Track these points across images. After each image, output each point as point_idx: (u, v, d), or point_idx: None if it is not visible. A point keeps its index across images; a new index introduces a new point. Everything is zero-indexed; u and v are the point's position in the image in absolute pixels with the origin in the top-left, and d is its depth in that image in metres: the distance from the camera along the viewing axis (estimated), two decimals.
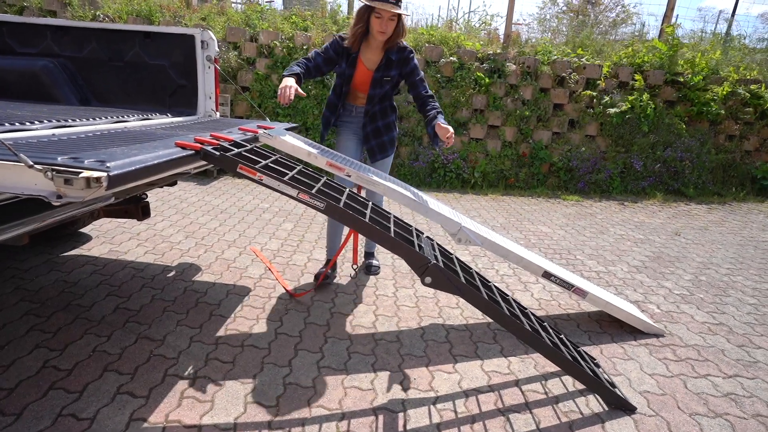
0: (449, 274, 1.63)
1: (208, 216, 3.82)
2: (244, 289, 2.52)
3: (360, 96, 2.48)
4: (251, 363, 1.85)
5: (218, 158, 1.43)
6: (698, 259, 3.52)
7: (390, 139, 2.56)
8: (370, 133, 2.51)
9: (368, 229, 1.57)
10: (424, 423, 1.57)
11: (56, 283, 2.43)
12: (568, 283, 2.24)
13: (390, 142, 2.57)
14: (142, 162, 1.14)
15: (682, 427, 1.61)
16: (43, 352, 1.82)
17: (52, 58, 2.67)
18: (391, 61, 2.36)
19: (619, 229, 4.29)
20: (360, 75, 2.40)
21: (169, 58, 2.71)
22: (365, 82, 2.41)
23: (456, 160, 5.73)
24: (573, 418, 1.63)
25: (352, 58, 2.36)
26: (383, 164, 2.60)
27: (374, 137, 2.52)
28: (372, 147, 2.54)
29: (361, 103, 2.49)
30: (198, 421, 1.52)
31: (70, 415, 1.50)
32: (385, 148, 2.56)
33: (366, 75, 2.39)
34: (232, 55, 5.80)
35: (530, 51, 6.29)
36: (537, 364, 1.96)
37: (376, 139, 2.53)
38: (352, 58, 2.36)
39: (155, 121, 2.34)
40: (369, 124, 2.50)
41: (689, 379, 1.91)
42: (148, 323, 2.10)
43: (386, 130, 2.54)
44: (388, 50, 2.34)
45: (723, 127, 6.09)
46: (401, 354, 1.98)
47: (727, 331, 2.36)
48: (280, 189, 1.49)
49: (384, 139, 2.54)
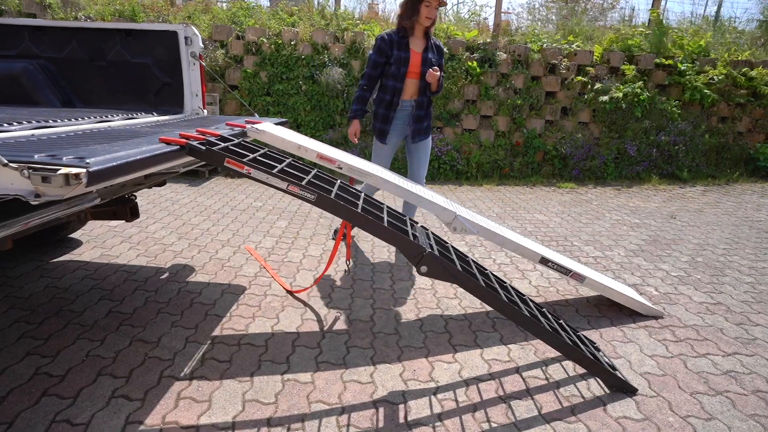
0: (445, 262, 1.60)
1: (200, 216, 3.78)
2: (240, 287, 2.49)
3: (410, 85, 2.80)
4: (248, 361, 1.82)
5: (204, 153, 1.40)
6: (694, 241, 3.52)
7: (428, 124, 2.93)
8: (416, 119, 2.86)
9: (361, 219, 1.54)
10: (425, 413, 1.55)
11: (47, 289, 2.39)
12: (566, 268, 2.23)
13: (428, 127, 2.94)
14: (123, 158, 1.11)
15: (683, 406, 1.60)
16: (35, 358, 1.79)
17: (31, 59, 2.61)
18: (432, 46, 2.80)
19: (615, 214, 4.29)
20: (414, 56, 2.74)
21: (153, 56, 2.66)
22: (417, 63, 2.75)
23: (450, 151, 5.70)
24: (575, 402, 1.62)
25: (403, 43, 2.73)
26: (424, 145, 2.94)
27: (417, 122, 2.87)
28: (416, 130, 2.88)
29: (409, 96, 2.83)
30: (196, 421, 1.49)
31: (64, 420, 1.46)
32: (421, 132, 2.90)
33: (417, 56, 2.75)
34: (219, 54, 5.73)
35: (520, 39, 6.26)
36: (537, 350, 1.95)
37: (418, 124, 2.88)
38: (403, 43, 2.73)
39: (140, 120, 2.29)
40: (418, 109, 2.84)
41: (689, 358, 1.90)
42: (142, 326, 2.06)
43: (426, 117, 2.92)
44: (427, 35, 2.78)
45: (716, 110, 6.10)
46: (400, 346, 1.96)
47: (725, 310, 2.36)
48: (269, 182, 1.45)
49: (426, 124, 2.91)
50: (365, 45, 5.85)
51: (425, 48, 2.76)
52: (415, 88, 2.81)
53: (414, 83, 2.80)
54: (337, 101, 5.83)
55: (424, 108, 2.88)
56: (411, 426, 1.49)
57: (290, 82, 5.80)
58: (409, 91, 2.82)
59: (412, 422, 1.51)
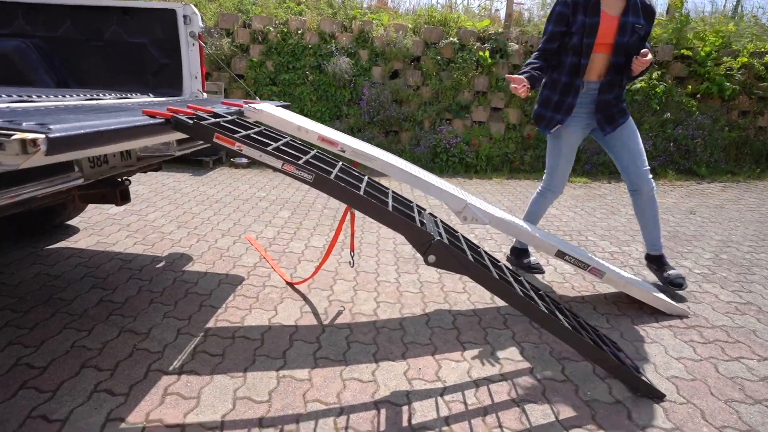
0: (455, 252, 1.47)
1: (202, 206, 3.67)
2: (237, 278, 2.37)
3: (597, 61, 2.12)
4: (242, 355, 1.70)
5: (192, 127, 1.27)
6: (717, 237, 3.34)
7: (620, 109, 2.22)
8: (601, 105, 2.19)
9: (363, 202, 1.41)
10: (430, 416, 1.42)
11: (38, 276, 2.29)
12: (584, 263, 2.08)
13: (620, 111, 2.22)
14: (94, 126, 0.98)
15: (718, 416, 1.45)
16: (17, 348, 1.68)
17: (24, 38, 2.50)
18: (637, 7, 2.06)
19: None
20: (605, 21, 2.05)
21: (150, 36, 2.54)
22: (610, 31, 2.05)
23: (459, 144, 5.54)
24: (595, 407, 1.48)
25: (591, 4, 2.04)
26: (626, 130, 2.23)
27: (605, 109, 2.20)
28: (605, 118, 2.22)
29: (596, 75, 2.15)
30: (182, 419, 1.37)
31: (40, 416, 1.35)
32: (613, 119, 2.22)
33: (611, 21, 2.05)
34: (225, 42, 5.61)
35: (533, 30, 6.07)
36: (552, 350, 1.81)
37: (606, 111, 2.20)
38: (591, 4, 2.04)
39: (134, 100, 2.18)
40: (604, 92, 2.16)
41: (720, 362, 1.75)
42: (132, 316, 1.96)
43: (617, 101, 2.20)
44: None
45: (736, 103, 5.86)
46: (405, 342, 1.83)
47: (756, 310, 2.19)
48: (263, 160, 1.32)
49: (613, 111, 2.21)
50: (373, 34, 5.70)
51: (624, 9, 2.04)
52: (604, 64, 2.12)
53: (603, 58, 2.10)
54: (344, 91, 5.70)
55: (614, 91, 2.17)
56: (415, 430, 1.36)
57: (297, 71, 5.67)
58: (596, 69, 2.13)
59: (417, 426, 1.38)
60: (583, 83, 2.16)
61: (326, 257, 2.19)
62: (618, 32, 2.05)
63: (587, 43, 2.06)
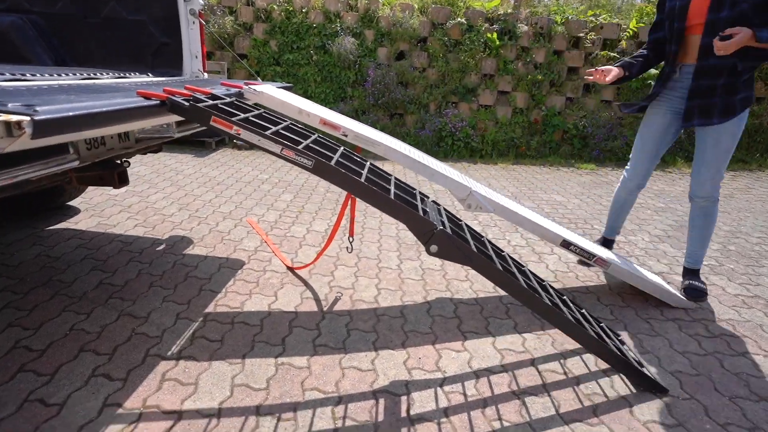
0: (458, 242, 1.43)
1: (204, 188, 3.64)
2: (238, 262, 2.36)
3: (692, 44, 1.93)
4: (241, 341, 1.69)
5: (188, 109, 1.23)
6: (725, 228, 3.28)
7: (726, 103, 1.88)
8: (694, 92, 1.93)
9: (364, 189, 1.37)
10: (430, 407, 1.41)
11: (38, 257, 2.28)
12: (589, 253, 2.04)
13: (725, 107, 1.88)
14: (84, 108, 0.94)
15: (722, 412, 1.43)
16: (16, 331, 1.68)
17: (21, 14, 2.44)
18: None
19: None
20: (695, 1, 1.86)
21: (149, 13, 2.47)
22: (700, 10, 1.84)
23: (464, 128, 5.45)
24: (597, 401, 1.46)
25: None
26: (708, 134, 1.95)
27: (697, 96, 1.93)
28: (689, 108, 1.96)
29: (692, 59, 1.94)
30: (179, 406, 1.37)
31: (38, 400, 1.35)
32: (709, 112, 1.91)
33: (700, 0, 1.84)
34: (228, 20, 5.50)
35: (544, 11, 5.90)
36: (555, 341, 1.78)
37: (695, 100, 1.93)
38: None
39: (132, 80, 2.12)
40: (698, 78, 1.91)
41: (725, 357, 1.72)
42: (132, 299, 1.94)
43: (725, 91, 1.88)
44: None
45: None
46: (405, 331, 1.81)
47: (764, 304, 2.15)
48: (261, 144, 1.28)
49: (713, 100, 1.89)
50: (379, 14, 5.56)
51: None
52: (697, 46, 1.91)
53: (697, 40, 1.90)
54: (348, 72, 5.59)
55: (711, 77, 1.88)
56: (414, 421, 1.35)
57: (301, 51, 5.56)
58: (691, 52, 1.95)
59: (415, 417, 1.36)
60: (676, 70, 2.01)
61: (328, 243, 2.16)
62: (709, 10, 1.82)
63: (678, 27, 1.93)
